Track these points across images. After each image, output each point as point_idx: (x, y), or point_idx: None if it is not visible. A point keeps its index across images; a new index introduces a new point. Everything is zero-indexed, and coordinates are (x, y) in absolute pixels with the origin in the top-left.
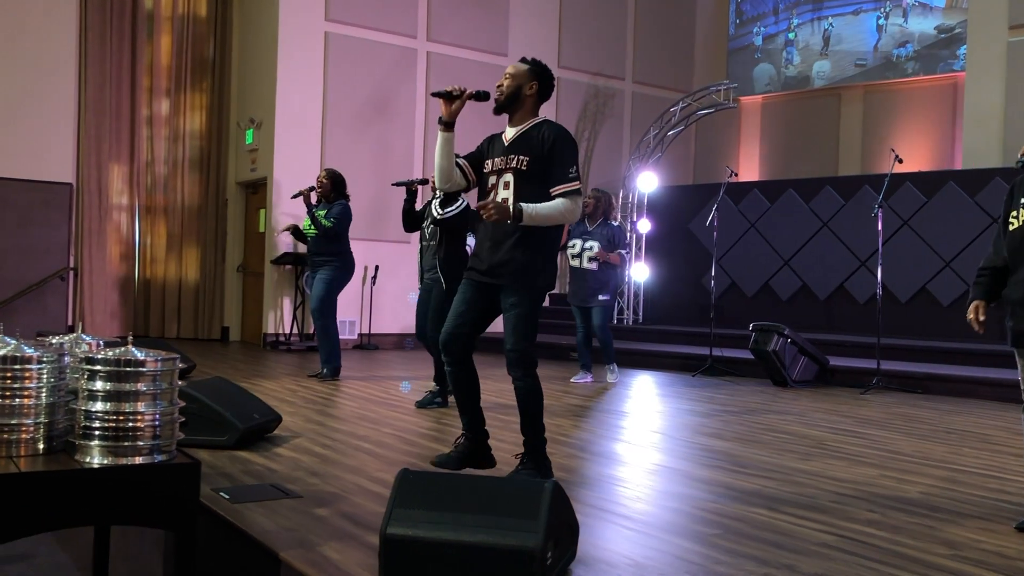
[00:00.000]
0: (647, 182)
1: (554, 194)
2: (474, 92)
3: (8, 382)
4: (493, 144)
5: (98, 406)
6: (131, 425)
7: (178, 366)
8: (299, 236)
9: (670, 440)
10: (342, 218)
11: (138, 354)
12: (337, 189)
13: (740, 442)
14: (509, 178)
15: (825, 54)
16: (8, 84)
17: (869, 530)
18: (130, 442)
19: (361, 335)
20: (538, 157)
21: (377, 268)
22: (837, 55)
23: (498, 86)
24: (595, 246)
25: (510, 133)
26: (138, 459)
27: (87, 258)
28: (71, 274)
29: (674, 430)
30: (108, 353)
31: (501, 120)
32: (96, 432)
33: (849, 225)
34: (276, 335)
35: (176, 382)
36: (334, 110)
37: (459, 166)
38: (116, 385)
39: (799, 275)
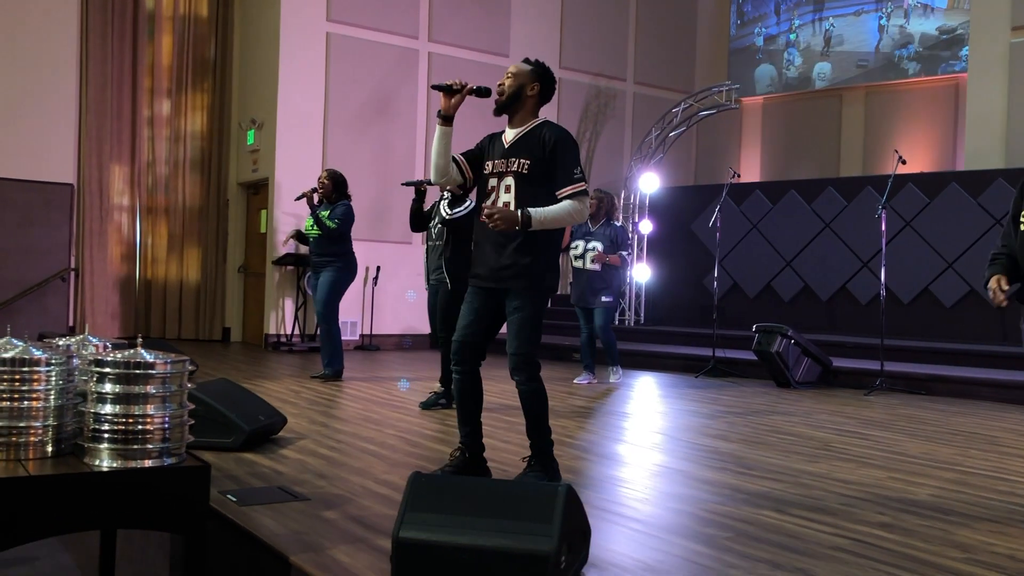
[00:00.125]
0: (648, 183)
1: (561, 196)
2: (474, 87)
3: (17, 384)
4: (493, 144)
5: (107, 409)
6: (140, 428)
7: (188, 368)
8: (302, 239)
9: (675, 441)
10: (346, 219)
11: (148, 356)
12: (339, 189)
13: (745, 443)
14: (510, 182)
15: (826, 55)
16: (9, 84)
17: (880, 533)
18: (139, 445)
19: (362, 336)
20: (539, 160)
21: (379, 269)
22: (838, 56)
23: (499, 85)
24: (598, 247)
25: (510, 135)
26: (148, 462)
27: (88, 259)
28: (72, 275)
29: (679, 431)
30: (117, 355)
31: (501, 119)
32: (105, 435)
33: (851, 226)
34: (278, 336)
35: (186, 384)
36: (335, 110)
37: (456, 162)
38: (125, 388)
39: (801, 276)
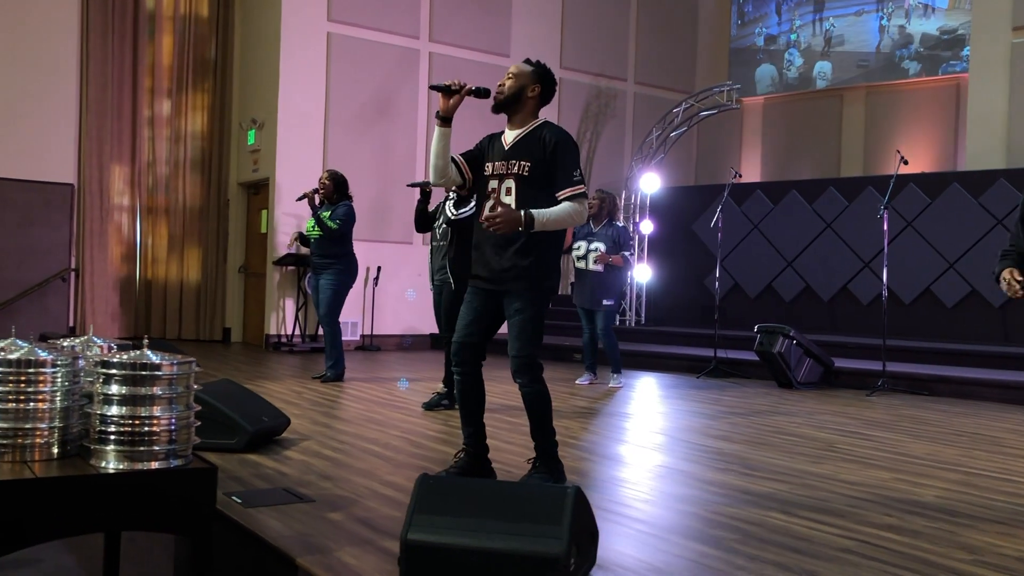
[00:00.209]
0: (649, 183)
1: (561, 198)
2: (473, 88)
3: (22, 386)
4: (493, 145)
5: (113, 410)
6: (147, 429)
7: (194, 369)
8: (305, 242)
9: (678, 442)
10: (347, 219)
11: (154, 358)
12: (339, 190)
13: (749, 444)
14: (511, 184)
15: (827, 55)
16: (9, 84)
17: (888, 535)
18: (146, 447)
19: (363, 336)
20: (540, 161)
21: (379, 269)
22: (839, 56)
23: (500, 85)
24: (600, 248)
25: (510, 136)
26: (154, 464)
27: (88, 259)
28: (72, 275)
29: (682, 432)
30: (124, 357)
31: (501, 119)
32: (111, 436)
33: (852, 226)
34: (278, 336)
35: (192, 386)
36: (336, 110)
37: (456, 163)
38: (132, 389)
39: (802, 276)
